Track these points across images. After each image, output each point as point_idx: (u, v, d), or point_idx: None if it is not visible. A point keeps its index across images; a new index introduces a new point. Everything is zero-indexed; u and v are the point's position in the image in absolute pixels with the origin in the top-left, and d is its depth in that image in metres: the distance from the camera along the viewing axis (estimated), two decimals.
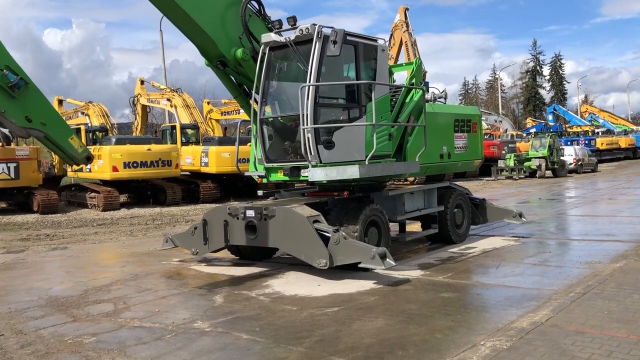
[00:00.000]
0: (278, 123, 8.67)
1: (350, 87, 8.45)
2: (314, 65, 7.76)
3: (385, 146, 8.64)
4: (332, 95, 8.57)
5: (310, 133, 7.74)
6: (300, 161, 8.17)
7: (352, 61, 8.42)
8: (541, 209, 16.46)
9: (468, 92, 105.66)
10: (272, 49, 8.43)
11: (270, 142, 8.65)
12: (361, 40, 8.46)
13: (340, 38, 7.57)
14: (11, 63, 7.03)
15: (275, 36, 8.25)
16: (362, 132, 8.27)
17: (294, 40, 8.07)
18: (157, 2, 7.74)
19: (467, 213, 11.04)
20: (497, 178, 31.21)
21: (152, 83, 30.43)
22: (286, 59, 8.66)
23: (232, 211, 8.48)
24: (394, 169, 8.69)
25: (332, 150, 8.00)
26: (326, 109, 8.30)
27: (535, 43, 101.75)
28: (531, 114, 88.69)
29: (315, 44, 7.80)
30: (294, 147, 8.24)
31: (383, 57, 8.84)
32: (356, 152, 8.20)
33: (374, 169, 8.08)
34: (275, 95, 8.80)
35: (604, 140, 49.10)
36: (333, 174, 7.81)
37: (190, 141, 24.66)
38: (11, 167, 18.55)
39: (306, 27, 7.88)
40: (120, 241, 12.85)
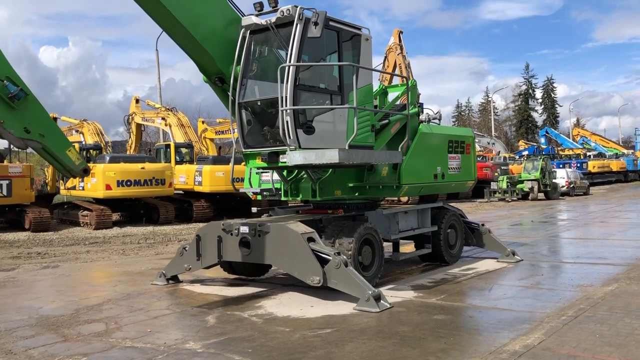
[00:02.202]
0: (257, 108, 8.37)
1: (332, 75, 8.32)
2: (295, 46, 7.58)
3: (367, 137, 8.46)
4: (314, 82, 8.33)
5: (289, 116, 7.50)
6: (279, 146, 7.92)
7: (334, 49, 8.19)
8: (534, 232, 16.52)
9: (461, 114, 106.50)
10: (253, 33, 8.23)
11: (249, 127, 8.40)
12: (344, 27, 8.27)
13: (322, 20, 7.46)
14: (12, 74, 7.08)
15: (255, 19, 8.04)
16: (343, 120, 8.04)
17: (275, 23, 7.89)
18: (158, 19, 7.80)
19: (460, 234, 11.08)
20: (490, 200, 31.35)
21: (147, 102, 30.52)
22: (267, 42, 8.43)
23: (226, 227, 8.47)
24: (375, 157, 8.41)
25: (312, 135, 7.77)
26: (307, 95, 8.01)
27: (528, 67, 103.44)
28: (523, 136, 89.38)
29: (297, 26, 7.62)
30: (273, 132, 8.00)
31: (367, 46, 8.56)
32: (337, 140, 7.96)
33: (354, 155, 7.77)
34: (254, 79, 8.54)
35: (596, 164, 49.54)
36: (312, 158, 7.51)
37: (184, 160, 24.68)
38: (3, 185, 18.47)
39: (287, 8, 7.69)
40: (112, 260, 12.77)
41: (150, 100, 31.40)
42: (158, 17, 7.76)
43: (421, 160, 9.89)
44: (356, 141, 7.96)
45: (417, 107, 10.31)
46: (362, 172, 9.71)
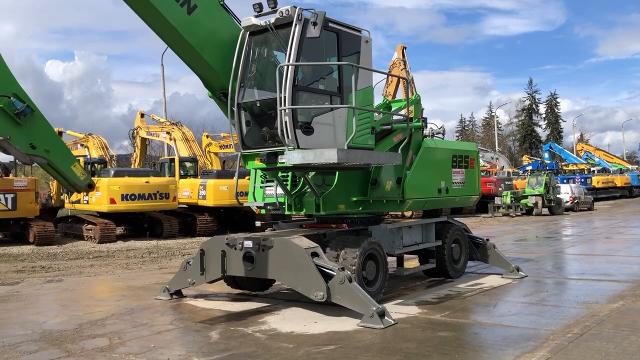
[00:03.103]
0: (256, 109, 8.33)
1: (332, 77, 8.29)
2: (294, 46, 7.56)
3: (367, 138, 8.41)
4: (313, 83, 8.29)
5: (287, 116, 7.46)
6: (278, 147, 7.86)
7: (334, 50, 8.16)
8: (538, 247, 16.45)
9: (465, 129, 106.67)
10: (252, 34, 8.23)
11: (248, 128, 8.35)
12: (344, 29, 8.24)
13: (321, 20, 7.45)
14: (19, 91, 7.15)
15: (255, 20, 8.03)
16: (343, 121, 7.98)
17: (274, 24, 7.87)
18: (163, 36, 7.87)
19: (464, 248, 11.05)
20: (494, 215, 31.26)
21: (152, 116, 30.68)
22: (266, 43, 8.41)
23: (230, 241, 8.47)
24: (375, 158, 8.36)
25: (311, 136, 7.71)
26: (306, 96, 7.98)
27: (531, 82, 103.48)
28: (527, 151, 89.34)
29: (296, 26, 7.61)
30: (271, 133, 7.92)
31: (367, 48, 8.50)
32: (336, 141, 7.89)
33: (353, 156, 7.74)
34: (254, 80, 8.51)
35: (600, 179, 49.37)
36: (310, 157, 7.45)
37: (188, 174, 24.74)
38: (9, 198, 18.53)
39: (286, 9, 7.69)
40: (116, 274, 12.76)
41: (155, 115, 31.58)
42: (164, 34, 7.83)
43: (425, 175, 9.89)
44: (355, 142, 7.91)
45: (421, 121, 10.33)
46: (366, 186, 9.72)
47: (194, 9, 7.74)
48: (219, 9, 8.19)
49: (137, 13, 7.57)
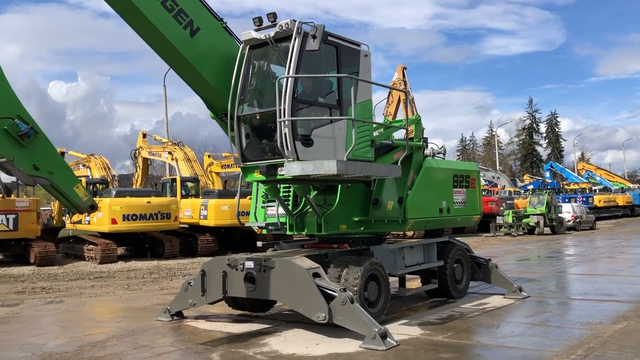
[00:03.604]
0: (256, 122, 8.29)
1: (332, 90, 8.31)
2: (293, 59, 7.58)
3: (367, 151, 8.37)
4: (313, 97, 8.29)
5: (287, 127, 7.44)
6: (277, 159, 7.83)
7: (333, 64, 8.18)
8: (540, 267, 16.38)
9: (465, 148, 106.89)
10: (252, 48, 8.26)
11: (248, 141, 8.33)
12: (343, 43, 8.27)
13: (320, 33, 7.51)
14: (22, 112, 7.20)
15: (255, 34, 8.07)
16: (342, 133, 7.96)
17: (274, 37, 7.91)
18: (166, 57, 7.94)
19: (466, 269, 11.01)
20: (496, 234, 31.18)
21: (154, 136, 30.81)
22: (266, 57, 8.44)
23: (231, 262, 8.44)
24: (374, 170, 8.34)
25: (311, 148, 7.68)
26: (306, 108, 7.96)
27: (531, 101, 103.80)
28: (528, 170, 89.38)
29: (295, 40, 7.65)
30: (271, 145, 7.91)
31: (366, 63, 8.52)
32: (335, 153, 7.82)
33: (352, 167, 7.71)
34: (253, 94, 8.50)
35: (602, 198, 49.33)
36: (309, 169, 7.42)
37: (190, 194, 24.75)
38: (10, 219, 18.54)
39: (286, 22, 7.71)
40: (117, 295, 12.71)
41: (157, 135, 31.72)
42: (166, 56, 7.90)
43: (426, 195, 9.90)
44: (355, 155, 7.89)
45: (422, 141, 10.37)
46: (368, 206, 9.73)
47: (196, 31, 7.82)
48: (222, 31, 8.27)
49: (140, 35, 7.65)
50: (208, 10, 8.05)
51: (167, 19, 7.48)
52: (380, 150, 9.29)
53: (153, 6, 7.32)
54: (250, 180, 8.63)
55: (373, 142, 8.57)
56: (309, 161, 7.49)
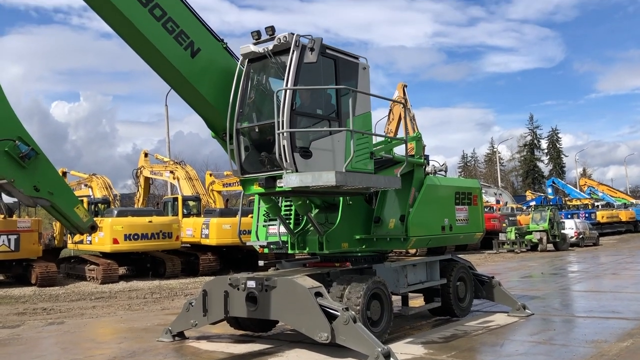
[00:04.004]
0: (255, 134, 8.31)
1: (330, 102, 8.33)
2: (292, 71, 7.62)
3: (366, 163, 8.34)
4: (311, 109, 8.32)
5: (286, 139, 7.46)
6: (276, 171, 7.90)
7: (332, 76, 8.19)
8: (544, 284, 16.28)
9: (467, 164, 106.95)
10: (251, 61, 8.31)
11: (247, 153, 8.33)
12: (341, 56, 8.31)
13: (318, 46, 7.53)
14: (23, 134, 7.24)
15: (253, 47, 8.13)
16: (341, 145, 7.95)
17: (272, 50, 7.97)
18: (167, 78, 7.98)
19: (469, 286, 10.94)
20: (499, 251, 31.04)
21: (156, 156, 30.89)
22: (264, 70, 8.49)
23: (233, 282, 8.40)
24: (373, 181, 8.31)
25: (309, 160, 7.67)
26: (304, 120, 7.99)
27: (532, 118, 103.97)
28: (530, 187, 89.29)
29: (293, 52, 7.69)
30: (270, 158, 7.91)
31: (364, 75, 8.55)
32: (334, 165, 7.80)
33: (351, 178, 7.71)
34: (252, 106, 8.52)
35: (605, 214, 49.16)
36: (308, 180, 7.41)
37: (191, 213, 24.73)
38: (12, 239, 18.50)
39: (284, 35, 7.78)
40: (118, 315, 12.63)
41: (158, 154, 31.81)
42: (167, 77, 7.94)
43: (428, 212, 9.88)
44: (354, 167, 7.90)
45: (423, 159, 10.38)
46: (370, 224, 9.71)
47: (197, 52, 7.88)
48: (222, 52, 8.33)
49: (141, 56, 7.69)
50: (208, 31, 8.12)
51: (168, 40, 7.54)
52: (381, 165, 9.30)
53: (154, 28, 7.39)
54: (249, 192, 8.60)
55: (372, 154, 8.54)
56: (308, 172, 7.48)
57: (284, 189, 7.72)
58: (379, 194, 9.91)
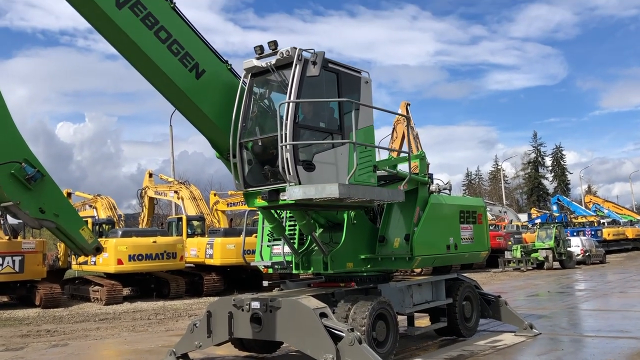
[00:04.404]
0: (258, 148, 8.29)
1: (333, 116, 8.36)
2: (294, 84, 7.66)
3: (369, 177, 8.35)
4: (314, 122, 8.32)
5: (289, 152, 7.47)
6: (279, 183, 7.79)
7: (334, 90, 8.24)
8: (551, 303, 16.13)
9: (471, 182, 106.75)
10: (254, 75, 8.37)
11: (250, 166, 8.34)
12: (344, 70, 8.37)
13: (320, 59, 7.61)
14: (30, 156, 7.28)
15: (256, 62, 8.18)
16: (344, 159, 7.96)
17: (275, 64, 8.02)
18: (171, 99, 8.03)
19: (476, 306, 10.85)
20: (505, 270, 30.83)
21: (161, 176, 30.99)
22: (267, 84, 8.54)
23: (237, 302, 8.35)
24: (377, 194, 8.28)
25: (312, 173, 7.67)
26: (307, 134, 8.01)
27: (536, 135, 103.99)
28: (535, 204, 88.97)
29: (296, 66, 7.74)
30: (273, 171, 7.92)
31: (367, 89, 8.61)
32: (337, 179, 7.80)
33: (354, 191, 7.69)
34: (255, 120, 8.52)
35: (611, 231, 48.83)
36: (311, 192, 7.39)
37: (195, 233, 24.72)
38: (16, 261, 18.47)
39: (286, 50, 7.82)
40: (122, 337, 12.56)
41: (163, 174, 31.90)
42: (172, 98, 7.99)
43: (433, 231, 9.84)
44: (357, 180, 7.90)
45: (427, 177, 10.38)
46: (374, 243, 9.67)
47: (202, 73, 7.94)
48: (227, 73, 8.40)
49: (146, 78, 7.75)
50: (213, 52, 8.19)
51: (173, 62, 7.61)
52: (385, 181, 9.30)
53: (159, 50, 7.46)
54: (252, 206, 8.57)
55: (375, 168, 8.55)
56: (311, 185, 7.48)
57: (287, 202, 7.71)
58: (383, 213, 9.90)
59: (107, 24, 7.10)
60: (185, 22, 7.84)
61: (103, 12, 6.93)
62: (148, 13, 7.32)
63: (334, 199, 7.47)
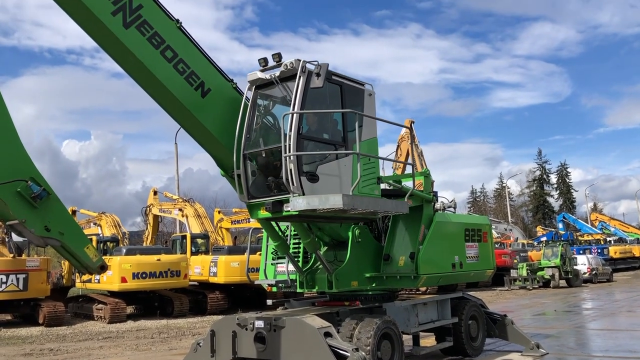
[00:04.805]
0: (261, 159, 8.28)
1: (337, 128, 8.36)
2: (298, 96, 7.67)
3: (373, 188, 8.33)
4: (318, 134, 8.34)
5: (292, 163, 7.50)
6: (283, 194, 7.76)
7: (338, 103, 8.28)
8: (558, 322, 15.96)
9: (476, 200, 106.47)
10: (258, 88, 8.38)
11: (254, 178, 8.33)
12: (347, 82, 8.40)
13: (324, 71, 7.64)
14: (36, 175, 7.30)
15: (260, 74, 8.22)
16: (348, 170, 7.96)
17: (279, 77, 8.05)
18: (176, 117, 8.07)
19: (482, 325, 10.75)
20: (510, 288, 30.59)
21: (165, 193, 31.04)
22: (271, 96, 8.55)
23: (241, 321, 8.30)
24: (381, 205, 8.27)
25: (316, 184, 7.65)
26: (311, 145, 8.02)
27: (540, 152, 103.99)
28: (541, 222, 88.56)
29: (300, 78, 7.76)
30: (277, 182, 7.89)
31: (370, 102, 8.64)
32: (341, 190, 7.78)
33: (359, 202, 7.67)
34: (259, 132, 8.53)
35: (617, 249, 48.48)
36: (315, 203, 7.37)
37: (200, 250, 24.69)
38: (20, 279, 18.45)
39: (290, 62, 7.87)
40: (126, 356, 12.48)
41: (167, 192, 31.96)
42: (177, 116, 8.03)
43: (438, 249, 9.79)
44: (361, 192, 7.88)
45: (432, 195, 10.35)
46: (379, 261, 9.62)
47: (207, 92, 7.98)
48: (232, 92, 8.44)
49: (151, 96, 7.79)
50: (218, 71, 8.24)
51: (179, 81, 7.65)
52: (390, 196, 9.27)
53: (165, 69, 7.50)
54: (255, 218, 8.54)
55: (379, 180, 8.54)
56: (315, 195, 7.47)
57: (291, 213, 7.68)
58: (388, 231, 9.87)
59: (114, 43, 7.16)
60: (191, 41, 7.90)
61: (110, 31, 6.99)
62: (154, 32, 7.38)
63: (337, 210, 7.47)
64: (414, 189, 9.25)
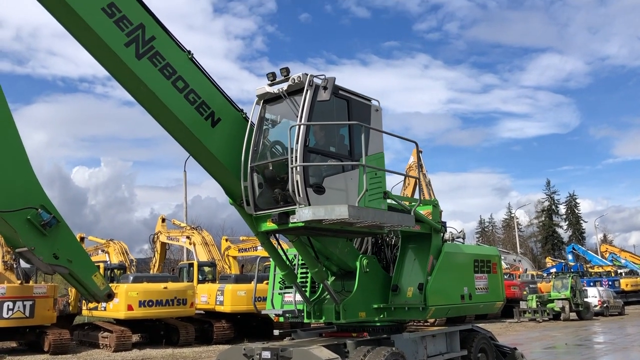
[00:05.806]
0: (268, 172, 8.30)
1: (344, 143, 8.40)
2: (305, 108, 7.74)
3: (379, 202, 8.31)
4: (325, 147, 8.38)
5: (299, 174, 7.50)
6: (289, 206, 7.79)
7: (344, 117, 8.34)
8: (569, 356, 15.68)
9: (485, 230, 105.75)
10: (266, 102, 8.46)
11: (260, 190, 8.34)
12: (354, 97, 8.47)
13: (331, 85, 7.72)
14: (46, 202, 7.37)
15: (268, 88, 8.31)
16: (354, 183, 7.98)
17: (287, 91, 8.14)
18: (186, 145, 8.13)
19: (491, 358, 10.61)
20: (520, 320, 30.14)
21: (173, 221, 31.10)
22: (279, 110, 8.61)
23: (248, 352, 8.24)
24: (387, 217, 8.23)
25: (322, 196, 7.66)
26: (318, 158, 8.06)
27: (549, 183, 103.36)
28: (550, 253, 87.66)
29: (307, 91, 7.84)
30: (283, 195, 7.93)
31: (377, 117, 8.74)
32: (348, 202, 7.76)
33: (365, 213, 7.67)
34: (267, 146, 8.58)
35: (629, 282, 47.73)
36: (321, 213, 7.36)
37: (206, 279, 24.58)
38: (27, 305, 18.38)
39: (298, 76, 7.96)
40: None
41: (175, 220, 32.02)
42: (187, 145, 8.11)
43: (447, 280, 9.72)
44: (368, 205, 7.87)
45: (441, 225, 10.31)
46: (387, 292, 9.55)
47: (217, 122, 8.07)
48: (241, 121, 8.53)
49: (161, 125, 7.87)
50: (228, 101, 8.35)
51: (189, 110, 7.75)
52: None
53: (176, 99, 7.61)
54: (261, 230, 8.54)
55: (386, 195, 8.55)
56: (321, 206, 7.48)
57: (297, 224, 7.69)
58: (396, 261, 9.81)
59: (126, 74, 7.29)
60: (202, 71, 8.03)
61: (123, 62, 7.13)
62: (166, 64, 7.52)
63: (343, 221, 7.46)
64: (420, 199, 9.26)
